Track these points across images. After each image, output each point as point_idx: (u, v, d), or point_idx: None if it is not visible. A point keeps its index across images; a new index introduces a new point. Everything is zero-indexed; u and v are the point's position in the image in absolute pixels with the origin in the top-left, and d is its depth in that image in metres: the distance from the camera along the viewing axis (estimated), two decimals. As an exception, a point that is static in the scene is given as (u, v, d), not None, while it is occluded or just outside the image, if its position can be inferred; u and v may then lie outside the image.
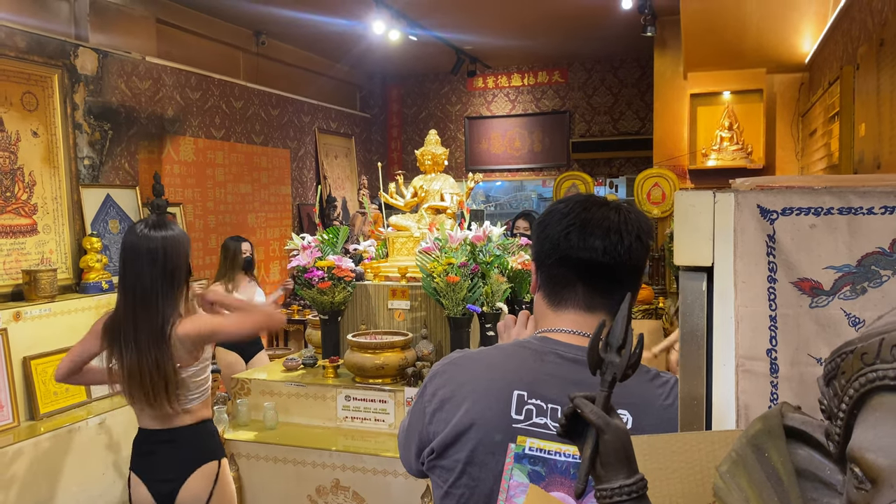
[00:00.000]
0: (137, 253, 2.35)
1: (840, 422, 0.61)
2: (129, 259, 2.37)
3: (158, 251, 2.34)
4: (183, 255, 2.43)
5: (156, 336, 2.33)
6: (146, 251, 2.34)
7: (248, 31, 7.07)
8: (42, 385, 4.03)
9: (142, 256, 2.34)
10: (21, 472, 3.63)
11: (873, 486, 0.55)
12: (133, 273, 2.36)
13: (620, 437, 0.81)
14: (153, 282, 2.33)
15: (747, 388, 0.97)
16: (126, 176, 5.33)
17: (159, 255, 2.34)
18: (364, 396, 3.17)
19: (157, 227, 2.39)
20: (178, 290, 2.40)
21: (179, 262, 2.41)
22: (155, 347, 2.33)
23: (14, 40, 4.38)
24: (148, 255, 2.33)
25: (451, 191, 3.79)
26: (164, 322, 2.35)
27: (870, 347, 0.58)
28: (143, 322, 2.34)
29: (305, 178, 7.98)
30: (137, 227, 2.40)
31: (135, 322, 2.34)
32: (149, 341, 2.33)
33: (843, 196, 0.94)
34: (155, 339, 2.33)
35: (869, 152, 3.46)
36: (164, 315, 2.35)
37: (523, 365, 1.20)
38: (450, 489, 1.19)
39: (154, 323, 2.34)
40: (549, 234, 1.23)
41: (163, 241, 2.36)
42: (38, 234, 4.46)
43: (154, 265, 2.33)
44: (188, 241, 2.51)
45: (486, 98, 9.33)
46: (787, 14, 4.95)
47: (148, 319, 2.34)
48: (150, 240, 2.35)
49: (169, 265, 2.36)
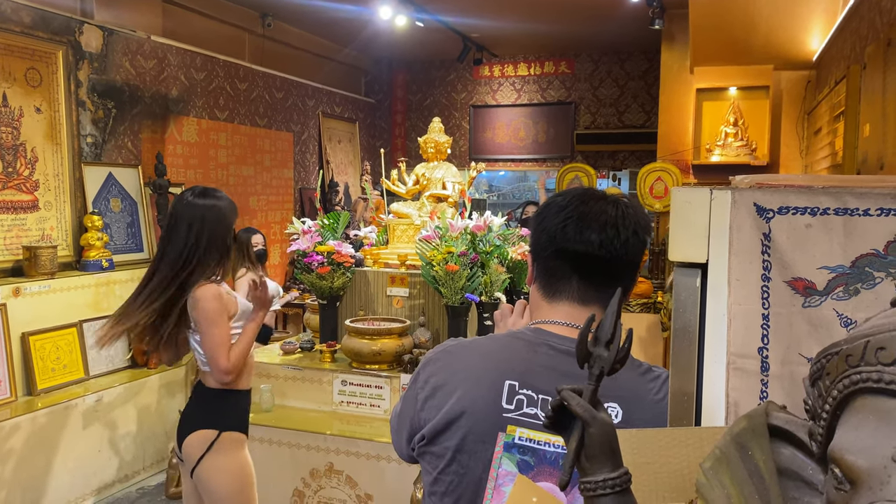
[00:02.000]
0: (177, 218, 2.43)
1: (823, 422, 0.62)
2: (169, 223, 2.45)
3: (196, 219, 2.41)
4: (224, 225, 2.47)
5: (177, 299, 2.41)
6: (186, 217, 2.41)
7: (255, 12, 7.04)
8: (40, 361, 4.05)
9: (180, 222, 2.41)
10: (18, 447, 3.66)
11: (852, 487, 0.56)
12: (166, 236, 2.44)
13: (606, 430, 0.82)
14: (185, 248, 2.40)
15: (738, 385, 0.97)
16: (129, 155, 5.32)
17: (196, 223, 2.40)
18: (360, 382, 3.18)
19: (202, 196, 2.45)
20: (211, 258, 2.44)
21: (218, 232, 2.45)
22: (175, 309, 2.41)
23: (19, 15, 4.36)
24: (185, 222, 2.41)
25: (454, 179, 3.79)
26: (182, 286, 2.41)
27: (854, 349, 0.58)
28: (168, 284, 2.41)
29: (308, 162, 7.97)
30: (185, 194, 2.48)
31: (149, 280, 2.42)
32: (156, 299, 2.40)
33: (839, 197, 0.94)
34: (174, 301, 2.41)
35: (873, 153, 3.45)
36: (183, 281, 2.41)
37: (516, 355, 1.21)
38: (439, 476, 1.20)
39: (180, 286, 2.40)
40: (546, 227, 1.23)
41: (202, 210, 2.42)
42: (39, 211, 4.46)
43: (189, 232, 2.40)
44: (235, 211, 2.55)
45: (491, 87, 9.30)
46: (797, 11, 4.92)
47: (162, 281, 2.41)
48: (194, 207, 2.42)
49: (205, 233, 2.41)
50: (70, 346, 4.26)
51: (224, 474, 2.50)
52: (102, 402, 4.17)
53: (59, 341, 4.20)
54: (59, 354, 4.18)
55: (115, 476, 4.26)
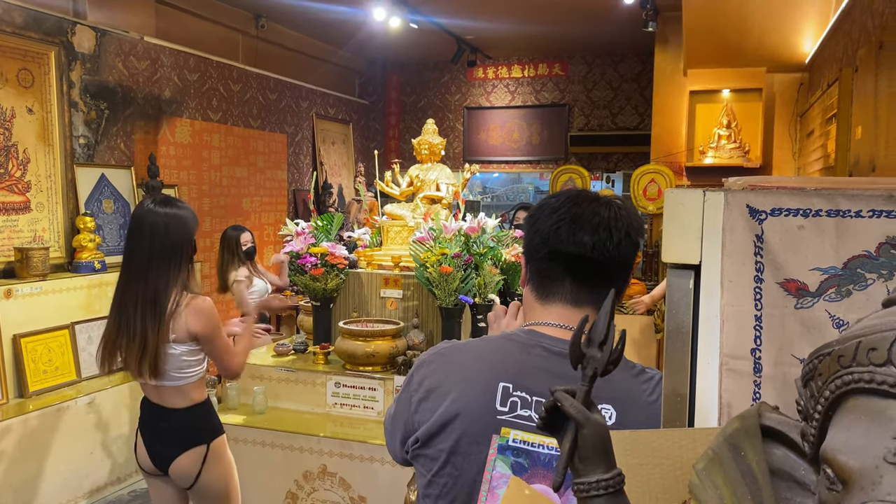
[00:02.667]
0: (140, 226, 2.43)
1: (815, 423, 0.62)
2: (131, 232, 2.46)
3: (159, 226, 2.41)
4: (186, 233, 2.48)
5: (144, 307, 2.39)
6: (148, 225, 2.41)
7: (248, 13, 7.02)
8: (31, 363, 4.03)
9: (143, 230, 2.41)
10: (9, 450, 3.63)
11: (844, 487, 0.56)
12: (131, 245, 2.44)
13: (599, 431, 0.82)
14: (150, 256, 2.40)
15: (730, 386, 0.98)
16: (121, 156, 5.30)
17: (160, 230, 2.41)
18: (354, 384, 3.18)
19: (162, 204, 2.46)
20: (176, 267, 2.45)
21: (180, 239, 2.46)
22: (142, 319, 2.39)
23: (11, 16, 4.34)
24: (148, 230, 2.41)
25: (448, 181, 3.78)
26: (156, 295, 2.40)
27: (846, 350, 0.58)
28: (131, 293, 2.41)
29: (302, 163, 7.95)
30: (145, 201, 2.48)
31: (125, 292, 2.42)
32: (137, 312, 2.39)
33: (831, 198, 0.94)
34: (143, 311, 2.39)
35: (865, 155, 3.47)
36: (155, 288, 2.40)
37: (510, 357, 1.21)
38: (433, 478, 1.20)
39: (145, 294, 2.40)
40: (540, 228, 1.24)
41: (165, 218, 2.42)
42: (31, 212, 4.44)
43: (153, 240, 2.40)
44: (195, 221, 2.56)
45: (485, 88, 9.31)
46: (789, 14, 4.94)
47: (137, 290, 2.40)
48: (154, 214, 2.42)
49: (168, 241, 2.42)
50: (62, 347, 4.24)
51: (222, 479, 2.64)
52: (95, 405, 4.15)
53: (51, 343, 4.18)
54: (50, 356, 4.16)
55: (107, 479, 4.24)
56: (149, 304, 2.39)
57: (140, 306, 2.39)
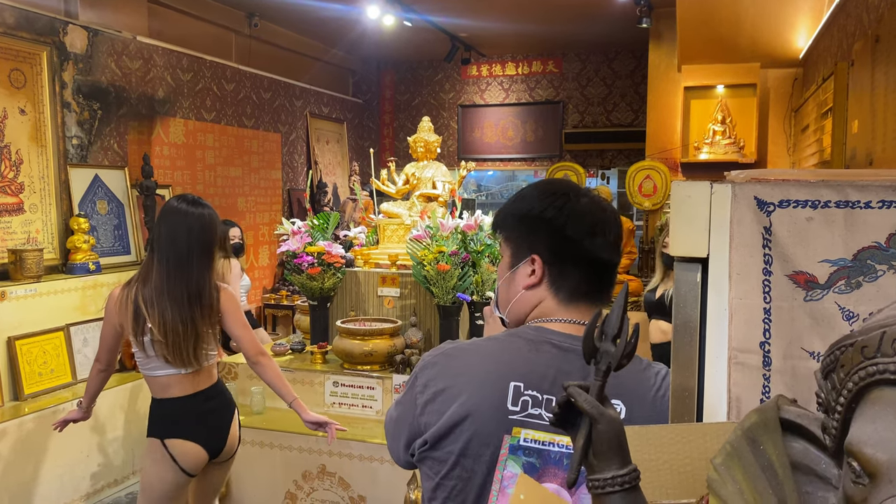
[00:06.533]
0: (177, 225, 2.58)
1: (838, 415, 0.61)
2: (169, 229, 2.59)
3: (195, 224, 2.59)
4: (215, 230, 2.68)
5: (191, 297, 2.55)
6: (186, 224, 2.58)
7: (241, 12, 6.99)
8: (27, 366, 4.00)
9: (180, 229, 2.57)
10: (5, 453, 3.61)
11: (871, 480, 0.55)
12: (170, 241, 2.58)
13: (614, 426, 0.81)
14: (189, 250, 2.56)
15: (739, 380, 0.97)
16: (115, 156, 5.27)
17: (196, 227, 2.58)
18: (352, 383, 3.16)
19: (194, 204, 2.63)
20: (210, 261, 2.64)
21: (214, 235, 2.66)
22: (190, 307, 2.55)
23: (2, 16, 4.30)
24: (185, 226, 2.58)
25: (444, 179, 3.77)
26: (200, 286, 2.57)
27: (870, 341, 0.57)
28: (178, 284, 2.55)
29: (296, 162, 7.93)
30: (176, 201, 2.64)
31: (170, 284, 2.55)
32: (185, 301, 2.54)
33: (840, 189, 0.93)
34: (190, 300, 2.55)
35: (861, 149, 3.47)
36: (198, 280, 2.57)
37: (518, 355, 1.19)
38: (442, 480, 1.18)
39: (189, 285, 2.56)
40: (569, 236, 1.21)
41: (199, 216, 2.60)
42: (24, 214, 4.41)
43: (190, 235, 2.57)
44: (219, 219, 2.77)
45: (479, 86, 9.29)
46: (783, 8, 4.94)
47: (184, 281, 2.55)
48: (190, 215, 2.59)
49: (205, 238, 2.60)
50: (57, 350, 4.21)
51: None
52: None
53: (46, 345, 4.15)
54: (46, 359, 4.13)
55: (104, 481, 4.21)
56: (195, 296, 2.56)
57: (187, 299, 2.54)
